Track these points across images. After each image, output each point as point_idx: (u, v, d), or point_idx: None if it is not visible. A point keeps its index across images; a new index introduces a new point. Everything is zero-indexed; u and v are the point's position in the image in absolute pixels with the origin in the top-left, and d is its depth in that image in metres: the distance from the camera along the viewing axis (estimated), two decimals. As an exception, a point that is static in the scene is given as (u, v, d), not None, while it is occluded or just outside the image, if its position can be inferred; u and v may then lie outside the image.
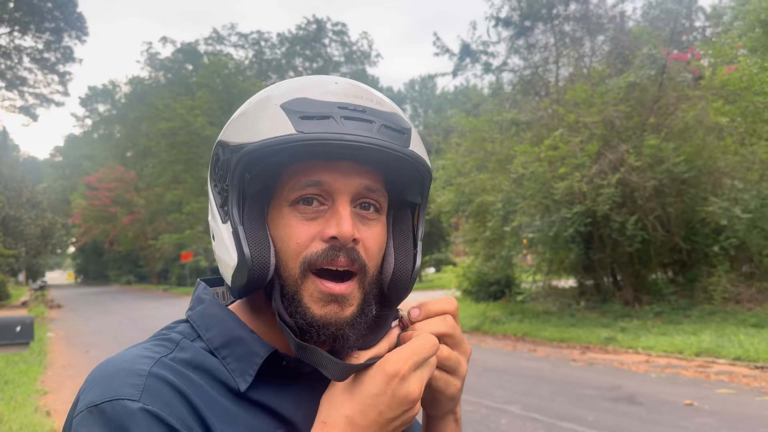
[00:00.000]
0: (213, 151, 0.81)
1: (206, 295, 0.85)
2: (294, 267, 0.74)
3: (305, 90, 0.75)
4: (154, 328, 4.27)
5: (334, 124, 0.71)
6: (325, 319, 0.74)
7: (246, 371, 0.75)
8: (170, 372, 0.71)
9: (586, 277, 15.69)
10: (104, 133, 63.58)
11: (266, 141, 0.71)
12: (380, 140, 0.72)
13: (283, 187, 0.75)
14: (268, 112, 0.73)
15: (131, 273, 58.40)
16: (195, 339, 0.79)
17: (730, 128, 12.70)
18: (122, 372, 0.70)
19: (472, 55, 16.68)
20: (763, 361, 8.25)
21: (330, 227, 0.73)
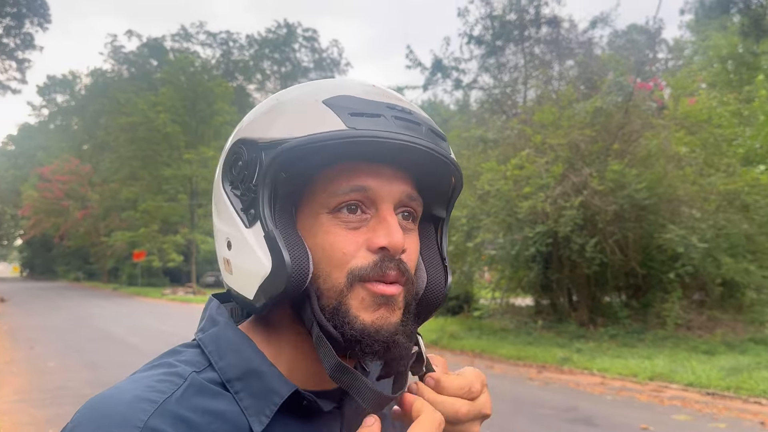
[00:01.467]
0: (230, 150, 0.74)
1: (221, 316, 0.76)
2: (339, 277, 0.68)
3: (345, 88, 0.70)
4: (102, 327, 4.17)
5: (385, 123, 0.67)
6: (377, 324, 0.68)
7: (262, 411, 0.68)
8: (172, 423, 0.62)
9: (543, 297, 15.87)
10: (61, 125, 61.98)
11: (314, 136, 0.65)
12: (431, 144, 0.69)
13: (319, 191, 0.69)
14: (310, 107, 0.68)
15: (80, 269, 56.82)
16: (205, 368, 0.70)
17: (689, 158, 13.02)
18: (116, 419, 0.61)
19: (444, 70, 16.84)
20: (714, 388, 8.43)
21: (379, 237, 0.68)
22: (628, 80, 13.22)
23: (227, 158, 0.74)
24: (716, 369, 9.25)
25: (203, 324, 0.77)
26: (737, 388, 8.31)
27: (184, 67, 39.54)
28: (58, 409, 7.27)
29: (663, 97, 15.35)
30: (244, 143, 0.71)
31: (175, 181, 37.51)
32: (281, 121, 0.68)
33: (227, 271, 0.72)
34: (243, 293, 0.70)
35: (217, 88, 39.03)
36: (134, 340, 13.47)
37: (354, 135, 0.65)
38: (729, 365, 9.42)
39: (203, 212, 38.51)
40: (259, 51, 57.65)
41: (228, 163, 0.74)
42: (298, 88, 0.74)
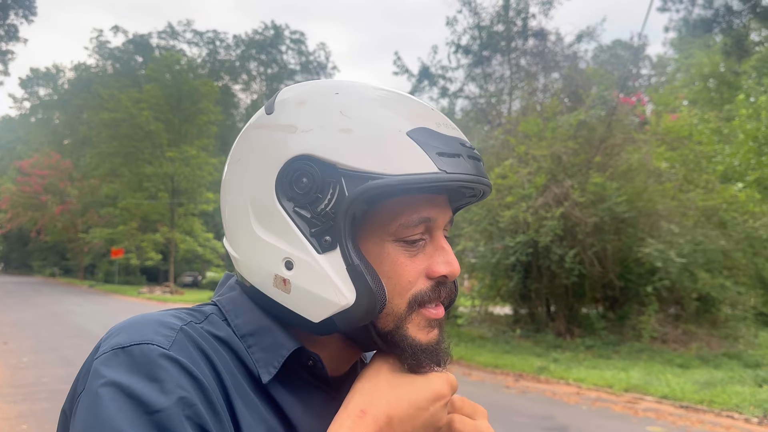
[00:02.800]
0: (292, 166, 0.69)
1: (238, 285, 0.80)
2: (401, 304, 0.71)
3: (419, 117, 0.71)
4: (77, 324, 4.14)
5: (465, 164, 0.70)
6: (431, 344, 0.74)
7: (270, 363, 0.72)
8: (199, 336, 0.69)
9: (522, 306, 15.98)
10: (42, 118, 61.21)
11: (411, 177, 0.66)
12: (487, 178, 0.73)
13: (385, 219, 0.71)
14: (395, 138, 0.68)
15: (56, 265, 56.11)
16: (223, 321, 0.75)
17: (669, 174, 13.22)
18: (152, 322, 0.67)
19: (431, 77, 16.95)
20: (688, 401, 8.54)
21: (438, 265, 0.73)
22: (611, 95, 13.41)
23: (285, 172, 0.70)
24: (690, 382, 9.37)
25: (221, 291, 0.81)
26: (710, 402, 8.42)
27: (169, 65, 39.26)
28: (32, 405, 7.17)
29: (645, 112, 15.58)
30: (313, 161, 0.68)
31: (157, 179, 37.17)
32: (366, 150, 0.67)
33: (282, 290, 0.71)
34: (304, 314, 0.71)
35: (202, 87, 38.77)
36: (110, 338, 13.32)
37: (447, 179, 0.67)
38: (703, 379, 9.55)
39: (183, 211, 38.21)
40: (246, 51, 57.45)
41: (287, 177, 0.70)
42: (366, 105, 0.71)
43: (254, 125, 0.77)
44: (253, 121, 0.78)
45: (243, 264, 0.76)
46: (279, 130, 0.72)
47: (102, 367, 0.62)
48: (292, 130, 0.71)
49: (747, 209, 13.17)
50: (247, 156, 0.75)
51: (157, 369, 0.61)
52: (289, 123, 0.72)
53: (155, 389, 0.60)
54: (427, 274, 0.72)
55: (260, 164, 0.73)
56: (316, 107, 0.72)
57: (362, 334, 0.73)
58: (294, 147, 0.70)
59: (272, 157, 0.71)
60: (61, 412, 0.69)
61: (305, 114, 0.72)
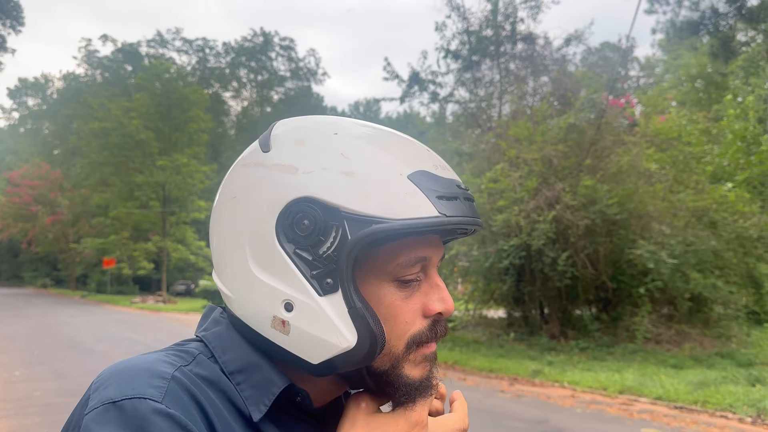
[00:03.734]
0: (294, 208, 0.69)
1: (223, 318, 0.79)
2: (398, 345, 0.72)
3: (418, 160, 0.72)
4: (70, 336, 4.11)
5: (461, 206, 0.71)
6: (423, 378, 0.75)
7: (261, 400, 0.71)
8: (190, 382, 0.67)
9: (515, 309, 16.00)
10: (32, 128, 60.94)
11: (414, 222, 0.67)
12: (480, 221, 0.75)
13: (383, 260, 0.71)
14: (396, 183, 0.68)
15: (48, 276, 55.74)
16: (209, 358, 0.74)
17: (660, 175, 13.29)
18: (143, 372, 0.66)
19: (421, 83, 16.99)
20: (682, 402, 8.56)
21: (433, 303, 0.74)
22: (600, 97, 13.47)
23: (286, 213, 0.69)
24: (684, 383, 9.40)
25: (206, 324, 0.80)
26: (704, 402, 8.45)
27: (159, 73, 39.18)
28: (23, 419, 7.11)
29: (634, 114, 15.66)
30: (315, 204, 0.68)
31: (147, 188, 37.04)
32: (369, 193, 0.67)
33: (280, 331, 0.70)
34: (303, 356, 0.70)
35: (192, 95, 38.70)
36: (103, 350, 13.25)
37: (447, 223, 0.68)
38: (697, 379, 9.58)
39: (175, 220, 38.09)
40: (236, 59, 57.42)
41: (288, 219, 0.69)
42: (366, 147, 0.71)
43: (250, 163, 0.75)
44: (247, 157, 0.76)
45: (237, 303, 0.75)
46: (278, 170, 0.71)
47: (93, 425, 0.61)
48: (292, 170, 0.70)
49: (737, 209, 13.25)
50: (243, 194, 0.74)
51: (149, 426, 0.60)
52: (289, 163, 0.71)
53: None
54: (423, 313, 0.73)
55: (259, 204, 0.71)
56: (316, 148, 0.71)
57: (353, 373, 0.73)
58: (295, 189, 0.69)
59: (272, 198, 0.70)
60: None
61: (305, 154, 0.71)
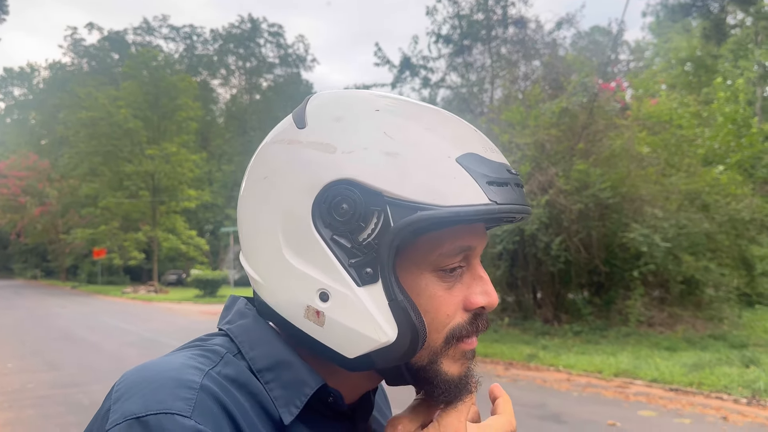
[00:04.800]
0: (332, 191, 0.64)
1: (250, 310, 0.73)
2: (437, 339, 0.67)
3: (466, 141, 0.66)
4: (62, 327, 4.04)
5: (512, 193, 0.66)
6: (462, 376, 0.70)
7: (292, 401, 0.66)
8: (219, 388, 0.62)
9: (509, 294, 16.03)
10: (18, 119, 60.32)
11: (464, 209, 0.62)
12: (530, 208, 0.70)
13: (424, 248, 0.66)
14: (444, 166, 0.63)
15: (38, 267, 55.49)
16: (236, 355, 0.69)
17: (652, 158, 13.31)
18: (170, 381, 0.60)
19: (412, 68, 16.90)
20: (678, 384, 8.61)
21: (476, 296, 0.69)
22: (592, 81, 13.44)
23: (324, 196, 0.64)
24: (679, 365, 9.46)
25: (230, 317, 0.75)
26: (699, 384, 8.50)
27: (146, 61, 38.83)
28: (18, 412, 7.05)
29: (625, 98, 15.65)
30: (356, 187, 0.63)
31: (137, 178, 36.82)
32: (415, 177, 0.62)
33: (314, 322, 0.66)
34: (338, 349, 0.66)
35: (180, 83, 38.41)
36: (95, 340, 13.17)
37: (498, 211, 0.63)
38: (691, 361, 9.64)
39: (165, 209, 37.90)
40: (224, 46, 56.97)
41: (326, 202, 0.64)
42: (411, 126, 0.65)
43: (284, 140, 0.70)
44: (279, 134, 0.71)
45: (268, 290, 0.70)
46: (314, 148, 0.66)
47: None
48: (330, 150, 0.65)
49: (729, 191, 13.31)
50: (275, 174, 0.68)
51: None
52: (327, 142, 0.66)
53: None
54: (464, 306, 0.68)
55: (294, 186, 0.66)
56: (357, 125, 0.66)
57: (391, 368, 0.69)
58: (333, 170, 0.64)
59: (308, 179, 0.65)
60: None
61: (344, 132, 0.66)
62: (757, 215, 13.14)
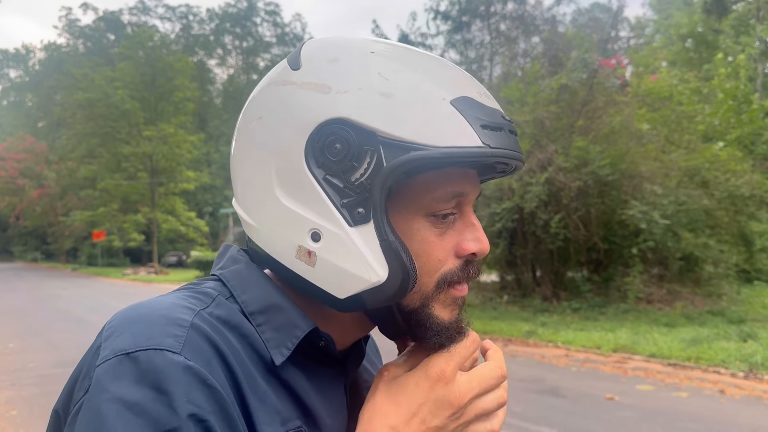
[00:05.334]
0: (325, 130, 0.64)
1: (242, 257, 0.74)
2: (429, 283, 0.68)
3: (461, 85, 0.66)
4: (63, 308, 4.03)
5: (506, 139, 0.66)
6: (453, 322, 0.71)
7: (283, 343, 0.67)
8: (210, 328, 0.62)
9: (508, 272, 16.06)
10: (14, 101, 60.05)
11: (456, 151, 0.62)
12: (523, 156, 0.70)
13: (417, 192, 0.66)
14: (438, 107, 0.63)
15: (38, 250, 55.57)
16: (228, 298, 0.69)
17: (651, 135, 13.26)
18: (160, 319, 0.60)
19: (410, 45, 16.80)
20: (676, 359, 8.66)
21: (468, 242, 0.70)
22: (592, 57, 13.36)
23: (317, 136, 0.64)
24: (677, 340, 9.51)
25: (223, 263, 0.75)
26: (697, 359, 8.55)
27: (142, 42, 38.55)
28: (20, 390, 7.10)
29: (625, 74, 15.56)
30: (349, 126, 0.63)
31: (135, 159, 36.73)
32: (409, 117, 0.62)
33: (305, 263, 0.66)
34: (328, 290, 0.66)
35: (177, 63, 38.17)
36: (96, 321, 13.22)
37: (491, 154, 0.63)
38: (689, 336, 9.69)
39: (164, 191, 37.85)
40: (220, 25, 56.54)
41: (319, 142, 0.64)
42: (406, 68, 0.65)
43: (278, 81, 0.69)
44: (275, 76, 0.70)
45: (259, 231, 0.70)
46: (309, 88, 0.66)
47: (105, 379, 0.56)
48: (324, 89, 0.65)
49: (728, 168, 13.27)
50: (270, 114, 0.68)
51: (166, 381, 0.55)
52: (322, 82, 0.65)
53: (164, 404, 0.54)
54: (456, 252, 0.69)
55: (287, 125, 0.66)
56: (352, 66, 0.65)
57: (383, 311, 0.69)
58: (327, 109, 0.64)
59: (302, 118, 0.65)
60: (53, 412, 0.64)
61: (339, 73, 0.65)
62: (756, 191, 13.13)
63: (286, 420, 0.66)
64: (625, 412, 6.14)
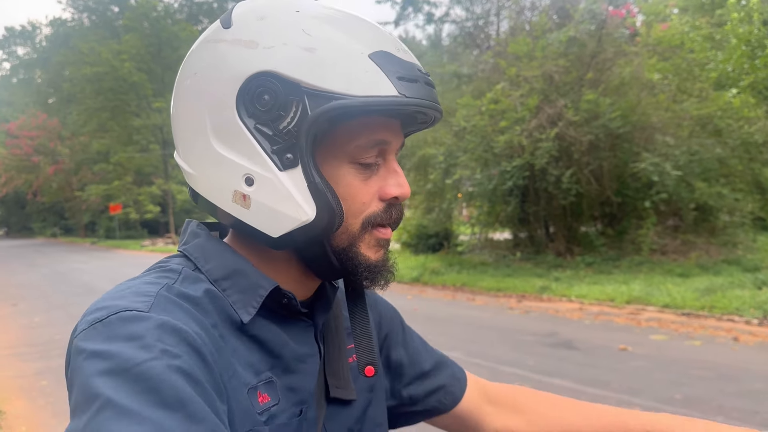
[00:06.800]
0: (254, 82, 0.69)
1: (201, 230, 0.81)
2: (355, 224, 0.74)
3: (379, 41, 0.71)
4: (84, 281, 4.15)
5: (422, 89, 0.71)
6: (379, 262, 0.77)
7: (249, 303, 0.74)
8: (177, 296, 0.68)
9: (520, 230, 16.07)
10: (24, 78, 60.00)
11: (373, 99, 0.67)
12: (440, 107, 0.75)
13: (341, 140, 0.72)
14: (358, 61, 0.68)
15: (56, 225, 56.16)
16: (194, 270, 0.76)
17: (662, 85, 13.06)
18: (128, 293, 0.67)
19: (415, 4, 16.54)
20: (690, 309, 8.71)
21: (390, 187, 0.76)
22: (600, 8, 13.10)
23: (247, 88, 0.69)
24: (691, 290, 9.54)
25: (185, 239, 0.82)
26: (711, 308, 8.59)
27: (146, 13, 38.24)
28: (49, 361, 7.32)
29: (635, 24, 15.26)
30: (276, 78, 0.68)
31: (146, 131, 36.82)
32: (330, 70, 0.67)
33: (241, 205, 0.72)
34: (263, 229, 0.72)
35: (182, 33, 37.88)
36: (117, 292, 13.47)
37: (406, 103, 0.69)
38: (703, 286, 9.71)
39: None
40: (224, -8, 55.81)
41: (249, 93, 0.69)
42: (328, 25, 0.70)
43: (211, 39, 0.74)
44: (208, 34, 0.76)
45: (199, 179, 0.76)
46: (239, 45, 0.71)
47: (82, 343, 0.61)
48: (253, 45, 0.70)
49: (742, 115, 13.07)
50: (204, 70, 0.73)
51: (137, 330, 0.60)
52: (250, 38, 0.70)
53: (135, 346, 0.59)
54: (379, 196, 0.75)
55: (219, 80, 0.71)
56: (278, 23, 0.70)
57: (318, 252, 0.75)
58: (255, 63, 0.69)
59: (232, 72, 0.70)
60: None
61: (266, 30, 0.70)
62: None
63: (258, 372, 0.72)
64: (638, 362, 6.23)
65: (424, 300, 11.33)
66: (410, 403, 1.01)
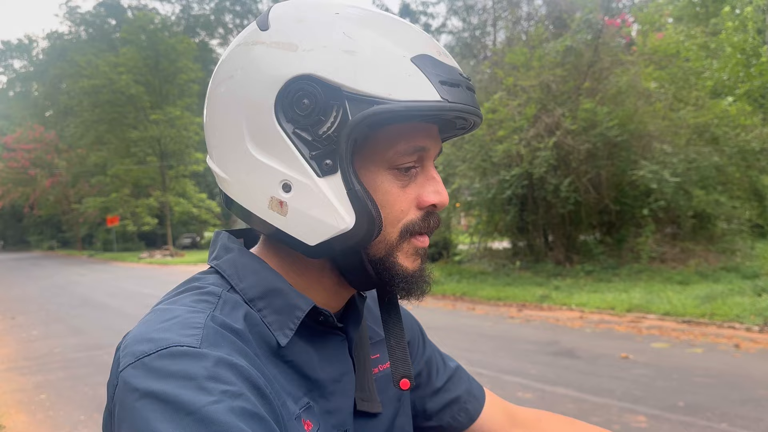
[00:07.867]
0: (293, 86, 0.67)
1: (233, 243, 0.78)
2: (393, 233, 0.72)
3: (421, 44, 0.70)
4: (83, 294, 4.13)
5: (464, 94, 0.69)
6: (417, 272, 0.75)
7: (286, 325, 0.72)
8: (223, 326, 0.66)
9: (520, 239, 16.09)
10: (21, 91, 60.02)
11: (416, 104, 0.65)
12: (481, 112, 0.74)
13: (381, 146, 0.70)
14: (400, 64, 0.66)
15: (53, 238, 56.03)
16: (228, 290, 0.73)
17: (659, 93, 13.12)
18: (174, 326, 0.63)
19: (412, 14, 16.63)
20: (690, 316, 8.71)
21: (428, 195, 0.73)
22: (596, 17, 13.18)
23: (286, 92, 0.67)
24: (691, 298, 9.54)
25: (216, 252, 0.79)
26: (712, 315, 8.59)
27: (143, 25, 38.35)
28: (47, 375, 7.27)
29: (631, 33, 15.35)
30: (316, 82, 0.66)
31: (144, 143, 36.84)
32: (371, 73, 0.65)
33: (277, 213, 0.70)
34: (300, 237, 0.69)
35: (179, 45, 37.98)
36: (117, 304, 13.44)
37: (449, 108, 0.67)
38: (703, 293, 9.71)
39: (174, 174, 38.00)
40: (220, 4, 56.04)
41: (288, 97, 0.67)
42: (369, 27, 0.68)
43: (248, 41, 0.72)
44: (245, 37, 0.73)
45: (233, 185, 0.74)
46: (277, 47, 0.69)
47: (133, 380, 0.58)
48: (292, 48, 0.68)
49: (738, 123, 13.14)
50: (241, 73, 0.71)
51: (191, 369, 0.58)
52: (289, 41, 0.68)
53: (193, 387, 0.56)
54: (417, 204, 0.73)
55: (257, 83, 0.69)
56: (317, 26, 0.69)
57: (355, 261, 0.72)
58: (295, 66, 0.67)
59: (271, 75, 0.68)
60: (105, 411, 0.66)
61: (305, 32, 0.68)
62: (767, 145, 13.01)
63: (297, 398, 0.70)
64: (640, 369, 6.21)
65: (424, 310, 11.31)
66: (425, 417, 0.99)
